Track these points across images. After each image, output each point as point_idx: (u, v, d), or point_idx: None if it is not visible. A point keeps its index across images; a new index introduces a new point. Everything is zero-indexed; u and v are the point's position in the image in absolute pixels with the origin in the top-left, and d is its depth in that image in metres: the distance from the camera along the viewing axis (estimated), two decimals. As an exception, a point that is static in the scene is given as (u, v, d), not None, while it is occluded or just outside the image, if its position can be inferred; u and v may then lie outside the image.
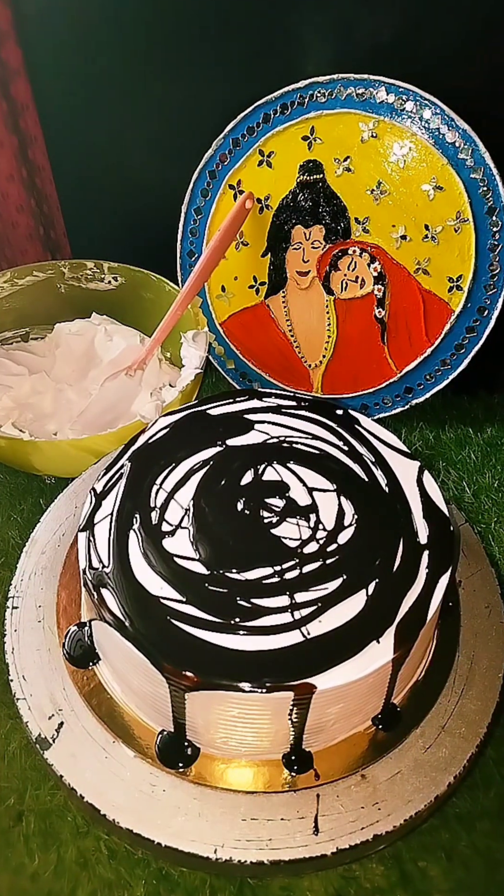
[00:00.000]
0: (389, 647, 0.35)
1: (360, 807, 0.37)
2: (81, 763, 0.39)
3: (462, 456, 0.63)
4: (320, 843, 0.36)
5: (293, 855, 0.35)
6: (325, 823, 0.36)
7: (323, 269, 0.63)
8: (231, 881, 0.39)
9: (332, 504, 0.42)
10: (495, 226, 0.55)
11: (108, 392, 0.65)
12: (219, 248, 0.64)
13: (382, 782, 0.38)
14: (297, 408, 0.49)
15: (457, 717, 0.40)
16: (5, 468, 0.63)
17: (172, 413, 0.49)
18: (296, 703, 0.34)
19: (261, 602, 0.37)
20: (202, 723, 0.37)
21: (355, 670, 0.34)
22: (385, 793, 0.37)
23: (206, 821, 0.37)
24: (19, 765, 0.44)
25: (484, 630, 0.44)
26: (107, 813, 0.37)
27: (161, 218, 0.68)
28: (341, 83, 0.57)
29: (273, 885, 0.39)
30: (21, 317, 0.74)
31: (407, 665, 0.38)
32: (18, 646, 0.44)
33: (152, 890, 0.39)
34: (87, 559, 0.40)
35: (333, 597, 0.37)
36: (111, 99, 0.66)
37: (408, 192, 0.57)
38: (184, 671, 0.34)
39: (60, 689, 0.41)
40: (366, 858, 0.40)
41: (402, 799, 0.37)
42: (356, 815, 0.37)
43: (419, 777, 0.38)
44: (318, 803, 0.37)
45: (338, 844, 0.36)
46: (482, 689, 0.41)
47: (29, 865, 0.40)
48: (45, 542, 0.49)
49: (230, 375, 0.72)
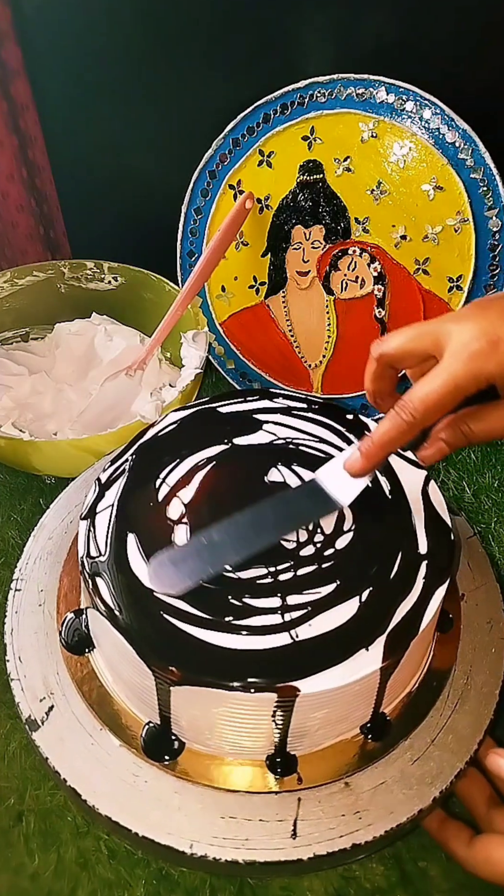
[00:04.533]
0: (378, 656, 0.35)
1: (340, 814, 0.36)
2: (68, 747, 0.39)
3: (462, 456, 0.63)
4: (297, 848, 0.35)
5: (268, 857, 0.35)
6: (304, 828, 0.36)
7: (323, 269, 0.63)
8: (231, 881, 0.39)
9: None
10: (495, 226, 0.55)
11: (108, 392, 0.65)
12: (219, 248, 0.64)
13: (366, 791, 0.37)
14: (307, 410, 0.48)
15: (448, 731, 0.39)
16: (5, 468, 0.63)
17: (182, 409, 0.49)
18: (279, 706, 0.34)
19: (252, 602, 0.37)
20: (186, 718, 0.37)
21: (341, 676, 0.34)
22: (367, 802, 0.37)
23: (184, 815, 0.37)
24: (19, 765, 0.44)
25: (484, 645, 0.43)
26: (87, 798, 0.37)
27: (161, 218, 0.68)
28: (341, 83, 0.57)
29: (273, 885, 0.39)
30: (21, 317, 0.74)
31: (398, 675, 0.37)
32: (18, 627, 0.44)
33: (152, 890, 0.39)
34: (85, 547, 0.40)
35: (326, 601, 0.37)
36: (111, 99, 0.66)
37: (408, 192, 0.57)
38: (169, 665, 0.34)
39: (54, 674, 0.42)
40: (366, 858, 0.40)
41: (385, 809, 0.36)
42: (336, 822, 0.36)
43: (404, 789, 0.37)
44: (299, 808, 0.37)
45: (315, 850, 0.35)
46: (476, 705, 0.40)
47: (29, 865, 0.40)
48: (53, 527, 0.50)
49: (230, 375, 0.72)
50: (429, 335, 0.36)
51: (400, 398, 0.36)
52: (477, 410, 0.38)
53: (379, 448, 0.38)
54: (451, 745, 0.39)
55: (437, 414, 0.36)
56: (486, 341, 0.34)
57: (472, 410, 0.38)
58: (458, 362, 0.34)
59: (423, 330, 0.37)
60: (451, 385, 0.34)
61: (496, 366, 0.34)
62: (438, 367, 0.35)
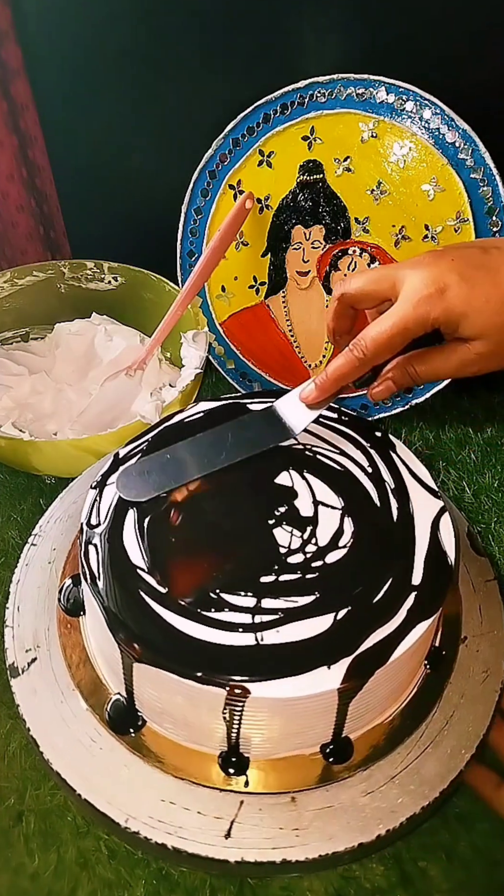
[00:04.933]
0: (338, 677, 0.34)
1: (279, 827, 0.36)
2: (39, 699, 0.41)
3: (462, 456, 0.63)
4: (227, 849, 0.35)
5: (197, 850, 0.35)
6: (239, 831, 0.36)
7: (323, 269, 0.63)
8: (231, 881, 0.39)
9: (334, 522, 0.41)
10: (495, 226, 0.55)
11: (108, 392, 0.65)
12: (219, 248, 0.64)
13: (310, 811, 0.37)
14: (336, 420, 0.48)
15: (411, 772, 0.38)
16: (5, 468, 0.63)
17: (214, 400, 0.49)
18: (229, 703, 0.34)
19: (227, 597, 0.37)
20: (147, 697, 0.38)
21: (295, 688, 0.33)
22: (309, 822, 0.36)
23: (127, 790, 0.37)
24: (19, 765, 0.44)
25: (473, 694, 0.41)
26: (44, 751, 0.39)
27: (161, 218, 0.68)
28: (341, 83, 0.57)
29: (273, 885, 0.39)
30: (21, 317, 0.74)
31: (365, 701, 0.36)
32: (24, 579, 0.47)
33: (152, 890, 0.39)
34: (87, 515, 0.42)
35: (300, 612, 0.36)
36: (111, 99, 0.66)
37: (408, 192, 0.57)
38: (132, 641, 0.35)
39: (45, 629, 0.44)
40: (366, 859, 0.40)
41: (324, 834, 0.36)
42: (272, 833, 0.36)
43: (349, 819, 0.36)
44: (240, 810, 0.37)
45: (243, 855, 0.35)
46: (447, 754, 0.38)
47: (29, 865, 0.40)
48: (80, 493, 0.51)
49: (230, 375, 0.72)
50: (386, 279, 0.39)
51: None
52: (422, 353, 0.41)
53: (332, 381, 0.41)
54: (411, 787, 0.37)
55: (387, 353, 0.39)
56: (434, 288, 0.37)
57: (418, 353, 0.41)
58: (408, 305, 0.37)
59: (382, 274, 0.40)
60: (400, 326, 0.38)
61: (441, 311, 0.37)
62: (391, 310, 0.38)
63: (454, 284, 0.37)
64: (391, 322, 0.38)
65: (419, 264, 0.38)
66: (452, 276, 0.37)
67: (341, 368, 0.40)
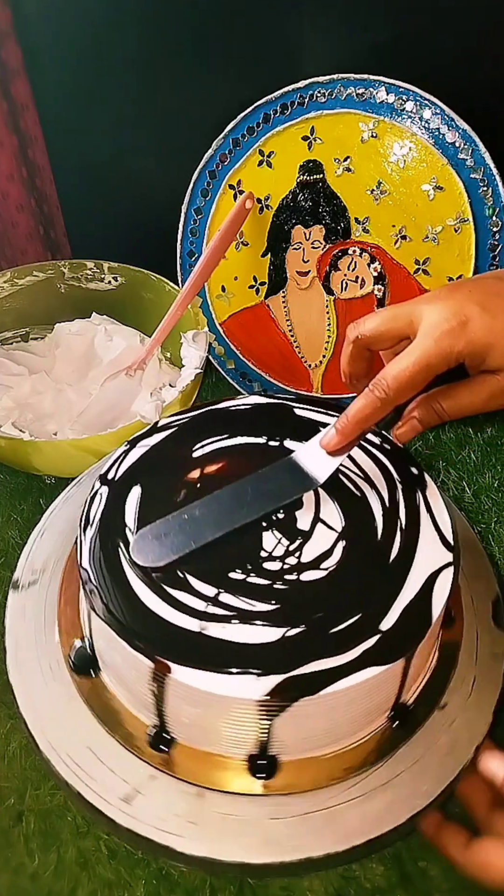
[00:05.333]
0: (262, 691, 0.33)
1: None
2: (26, 620, 0.43)
3: (462, 456, 0.63)
4: (132, 820, 0.36)
5: (108, 811, 0.36)
6: (141, 801, 0.37)
7: (323, 269, 0.63)
8: (231, 881, 0.39)
9: (326, 542, 0.39)
10: (495, 226, 0.55)
11: (108, 392, 0.65)
12: (219, 248, 0.64)
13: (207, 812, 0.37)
14: (376, 446, 0.45)
15: (330, 814, 0.36)
16: (5, 468, 0.63)
17: (268, 396, 0.49)
18: (155, 677, 0.35)
19: (192, 580, 0.37)
20: (99, 647, 0.40)
21: (211, 683, 0.33)
22: (196, 816, 0.36)
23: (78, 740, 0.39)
24: (19, 765, 0.44)
25: (429, 765, 0.38)
26: (17, 697, 0.40)
27: (161, 218, 0.68)
28: (341, 83, 0.57)
29: (273, 885, 0.39)
30: (21, 317, 0.74)
31: (292, 726, 0.35)
32: (57, 512, 0.50)
33: (152, 890, 0.39)
34: (107, 469, 0.43)
35: (252, 616, 0.36)
36: (111, 99, 0.66)
37: (408, 192, 0.57)
38: (91, 590, 0.36)
39: (55, 560, 0.46)
40: (366, 858, 0.40)
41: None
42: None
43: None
44: (151, 785, 0.37)
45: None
46: (376, 810, 0.36)
47: (29, 865, 0.40)
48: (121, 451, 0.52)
49: (230, 375, 0.72)
50: (403, 317, 0.38)
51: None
52: (448, 389, 0.39)
53: (354, 424, 0.39)
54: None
55: (410, 391, 0.37)
56: (455, 321, 0.35)
57: (443, 389, 0.39)
58: (430, 341, 0.36)
59: (398, 312, 0.38)
60: (423, 363, 0.36)
61: (465, 344, 0.35)
62: (411, 347, 0.36)
63: (476, 316, 0.35)
64: (413, 359, 0.36)
65: (435, 299, 0.37)
66: (473, 308, 0.36)
67: (363, 410, 0.38)
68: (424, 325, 0.36)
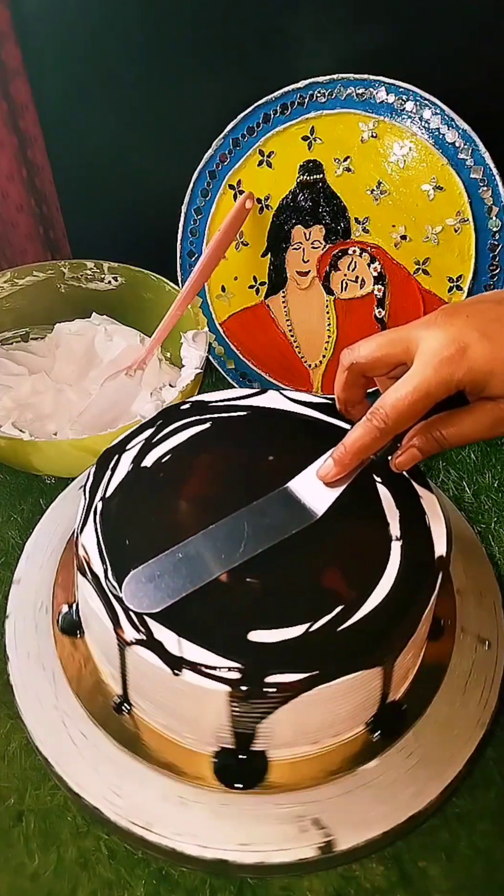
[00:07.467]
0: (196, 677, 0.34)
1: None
2: (22, 609, 0.46)
3: (462, 456, 0.63)
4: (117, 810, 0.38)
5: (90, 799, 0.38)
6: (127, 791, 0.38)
7: (323, 269, 0.63)
8: (231, 881, 0.39)
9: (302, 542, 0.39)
10: (495, 226, 0.55)
11: (108, 392, 0.65)
12: (219, 248, 0.64)
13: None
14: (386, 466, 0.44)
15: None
16: (5, 468, 0.63)
17: (318, 396, 0.48)
18: (120, 647, 0.36)
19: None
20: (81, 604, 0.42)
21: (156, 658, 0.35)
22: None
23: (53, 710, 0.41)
24: (19, 765, 0.44)
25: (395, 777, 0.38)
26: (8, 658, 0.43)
27: (161, 218, 0.68)
28: (341, 83, 0.57)
29: (273, 885, 0.39)
30: (21, 317, 0.74)
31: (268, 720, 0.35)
32: (68, 495, 0.53)
33: (152, 890, 0.39)
34: (93, 473, 0.44)
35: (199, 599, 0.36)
36: (111, 99, 0.66)
37: (408, 192, 0.57)
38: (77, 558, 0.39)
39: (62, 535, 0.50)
40: (365, 858, 0.40)
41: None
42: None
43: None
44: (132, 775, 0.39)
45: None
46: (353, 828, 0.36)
47: (29, 865, 0.40)
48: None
49: (230, 375, 0.72)
50: (400, 342, 0.37)
51: (370, 405, 0.36)
52: (449, 416, 0.37)
53: (351, 455, 0.38)
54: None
55: (409, 420, 0.36)
56: (455, 348, 0.34)
57: (443, 416, 0.38)
58: (429, 368, 0.35)
59: (394, 337, 0.37)
60: (423, 391, 0.35)
61: (466, 372, 0.34)
62: (409, 374, 0.35)
63: (475, 342, 0.34)
64: (412, 387, 0.35)
65: (432, 324, 0.36)
66: (472, 334, 0.34)
67: (361, 440, 0.37)
68: (423, 351, 0.35)
